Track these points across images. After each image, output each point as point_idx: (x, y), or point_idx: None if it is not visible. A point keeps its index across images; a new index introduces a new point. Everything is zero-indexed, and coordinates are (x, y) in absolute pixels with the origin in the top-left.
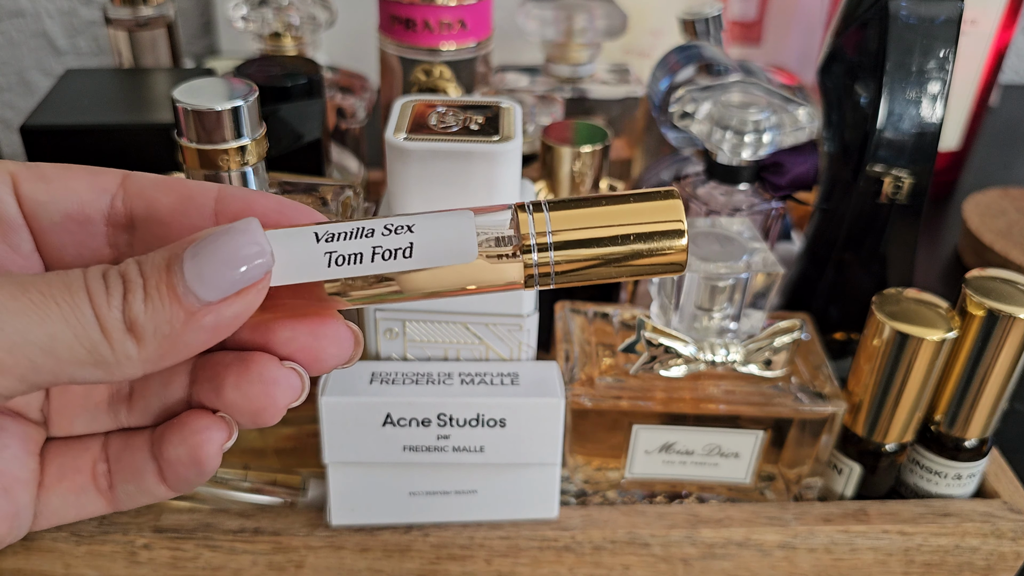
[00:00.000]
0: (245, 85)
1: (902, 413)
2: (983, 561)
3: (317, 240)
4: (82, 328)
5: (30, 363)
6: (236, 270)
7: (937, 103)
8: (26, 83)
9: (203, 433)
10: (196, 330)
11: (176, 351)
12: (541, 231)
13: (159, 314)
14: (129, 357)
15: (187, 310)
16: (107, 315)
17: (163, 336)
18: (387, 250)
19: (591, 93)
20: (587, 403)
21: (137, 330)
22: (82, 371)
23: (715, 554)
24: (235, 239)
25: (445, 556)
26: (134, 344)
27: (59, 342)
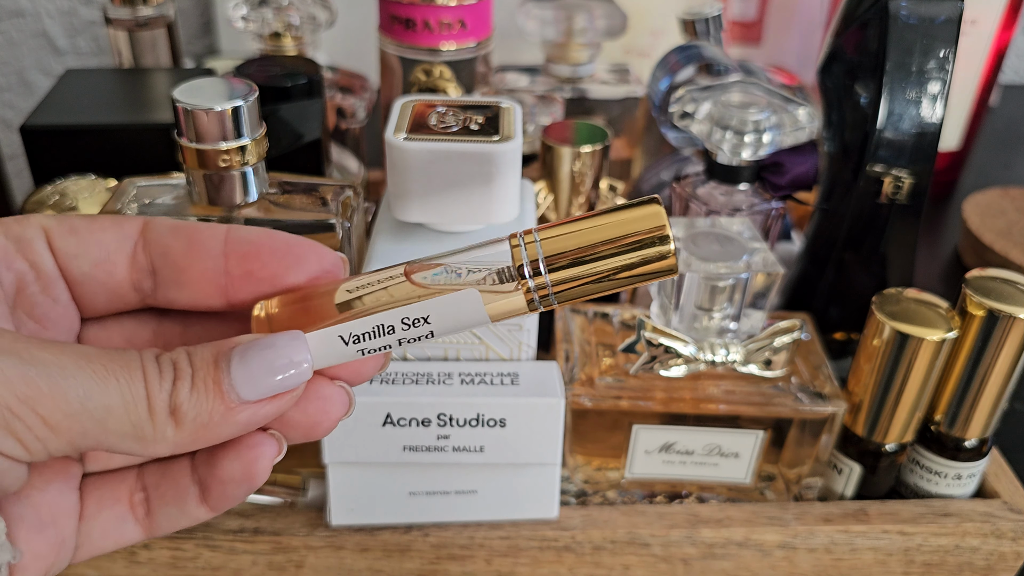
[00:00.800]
0: (245, 85)
1: (902, 413)
2: (983, 561)
3: (345, 344)
4: (133, 405)
5: (82, 429)
6: (278, 377)
7: (937, 103)
8: (26, 83)
9: (257, 448)
10: (230, 424)
11: (206, 439)
12: (535, 259)
13: (201, 404)
14: (165, 438)
15: (227, 405)
16: (156, 397)
17: (200, 424)
18: (410, 339)
19: (591, 93)
20: (587, 403)
21: (179, 415)
22: (121, 443)
23: (715, 554)
24: (282, 351)
25: (445, 556)
26: (173, 427)
27: (112, 415)
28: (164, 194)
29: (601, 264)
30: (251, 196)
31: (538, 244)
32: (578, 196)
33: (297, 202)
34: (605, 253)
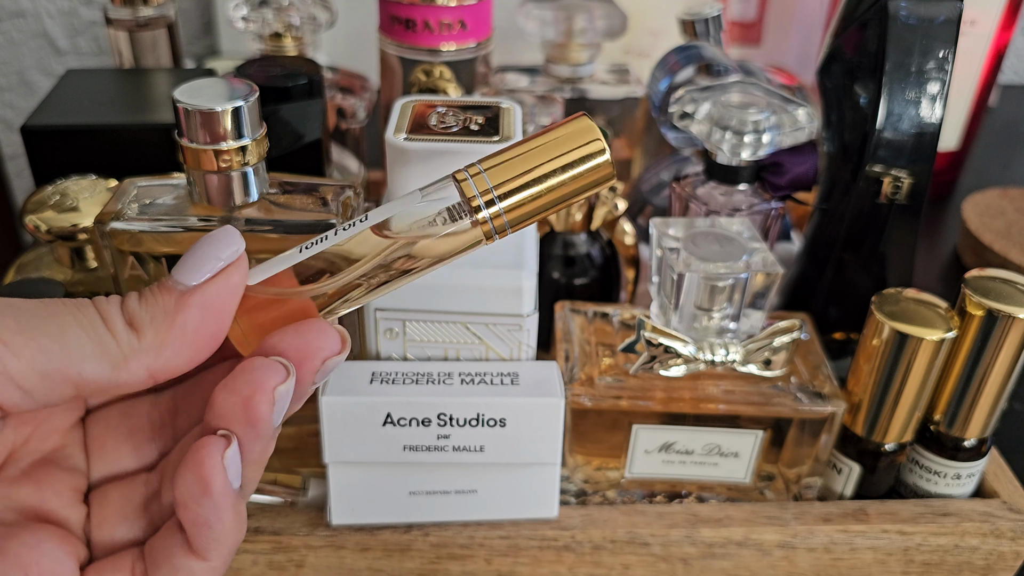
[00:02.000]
0: (245, 85)
1: (901, 413)
2: (982, 561)
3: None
4: (87, 320)
5: (40, 346)
6: (213, 257)
7: (936, 103)
8: (27, 83)
9: (202, 450)
10: (186, 310)
11: (174, 335)
12: (484, 189)
13: (152, 304)
14: (132, 347)
15: (176, 296)
16: (109, 311)
17: (158, 323)
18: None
19: (591, 93)
20: (587, 403)
21: (136, 323)
22: (89, 364)
23: (715, 553)
24: (210, 238)
25: (445, 555)
26: (135, 335)
27: (68, 333)
28: (165, 194)
29: (546, 184)
30: (251, 196)
31: (484, 175)
32: None
33: (297, 202)
34: (547, 171)
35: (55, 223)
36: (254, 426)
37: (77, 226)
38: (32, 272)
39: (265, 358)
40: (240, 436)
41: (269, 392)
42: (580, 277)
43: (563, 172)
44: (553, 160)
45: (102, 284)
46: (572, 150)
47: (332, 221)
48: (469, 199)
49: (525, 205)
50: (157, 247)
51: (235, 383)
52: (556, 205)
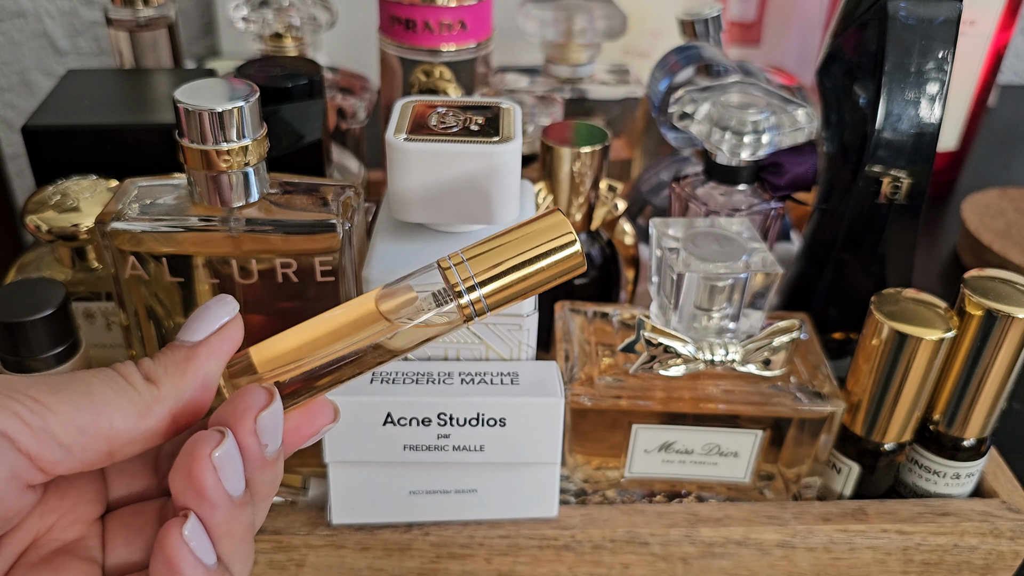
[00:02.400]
0: (246, 86)
1: (901, 413)
2: (982, 560)
3: None
4: (110, 379)
5: (73, 403)
6: (213, 318)
7: (936, 103)
8: (27, 83)
9: (164, 532)
10: (196, 359)
11: (187, 379)
12: (466, 277)
13: (165, 359)
14: (153, 396)
15: (184, 349)
16: (127, 371)
17: (172, 372)
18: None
19: (591, 94)
20: (587, 402)
21: (153, 376)
22: (119, 413)
23: (714, 553)
24: (209, 305)
25: (445, 555)
26: (154, 386)
27: (95, 389)
28: (165, 194)
29: (521, 273)
30: (252, 196)
31: (467, 264)
32: (578, 196)
33: (298, 202)
34: (522, 261)
35: (56, 223)
36: (204, 497)
37: (78, 226)
38: (33, 272)
39: (203, 430)
40: (196, 510)
41: (206, 459)
42: (580, 277)
43: (537, 262)
44: (528, 251)
45: (103, 284)
46: (545, 243)
47: (332, 221)
48: (453, 285)
49: (503, 291)
50: (158, 247)
51: (179, 460)
52: (531, 290)
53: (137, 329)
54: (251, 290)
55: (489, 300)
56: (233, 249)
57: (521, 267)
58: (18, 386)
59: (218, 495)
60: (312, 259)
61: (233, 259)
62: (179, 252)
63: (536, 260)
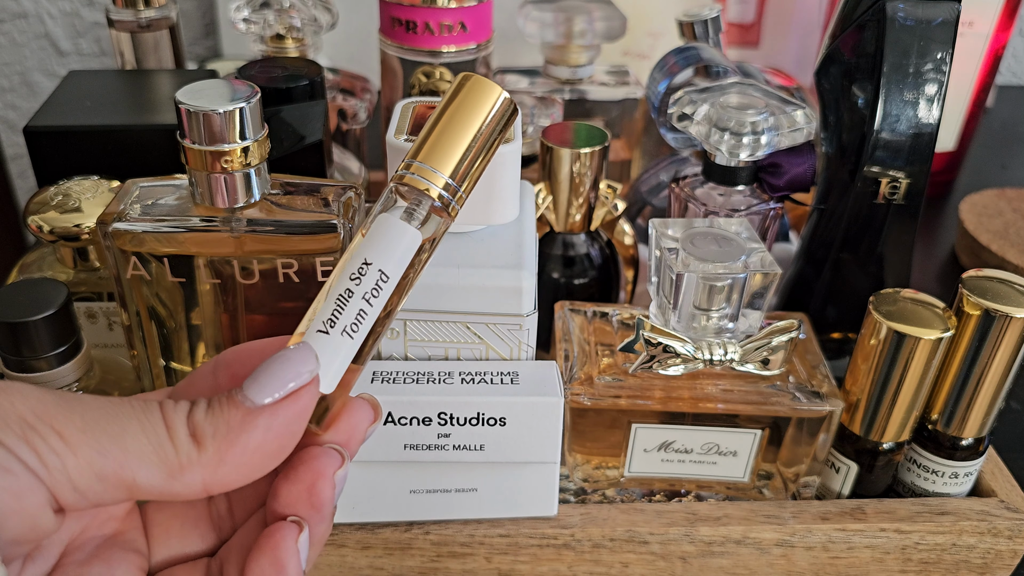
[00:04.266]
0: (247, 87)
1: (899, 412)
2: (980, 559)
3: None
4: (150, 425)
5: (99, 447)
6: (287, 377)
7: (934, 104)
8: (29, 84)
9: (277, 533)
10: (252, 429)
11: (234, 453)
12: (425, 174)
13: (218, 417)
14: (191, 459)
15: (243, 411)
16: (173, 418)
17: (221, 436)
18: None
19: (590, 95)
20: (586, 402)
21: (199, 434)
22: (145, 469)
23: (713, 552)
24: (286, 357)
25: (446, 554)
26: (195, 447)
27: (129, 435)
28: (167, 195)
29: (475, 147)
30: (253, 197)
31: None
32: (577, 197)
33: (299, 203)
34: (474, 138)
35: (58, 224)
36: (319, 511)
37: (80, 227)
38: (35, 272)
39: (320, 447)
40: (309, 521)
41: (330, 478)
42: (579, 277)
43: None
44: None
45: (105, 284)
46: (478, 106)
47: (333, 222)
48: (424, 191)
49: (464, 171)
50: (159, 247)
51: (297, 473)
52: (485, 156)
53: (139, 329)
54: (252, 290)
55: (458, 182)
56: (235, 249)
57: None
58: (50, 413)
59: (330, 511)
60: (313, 259)
61: (234, 259)
62: (181, 252)
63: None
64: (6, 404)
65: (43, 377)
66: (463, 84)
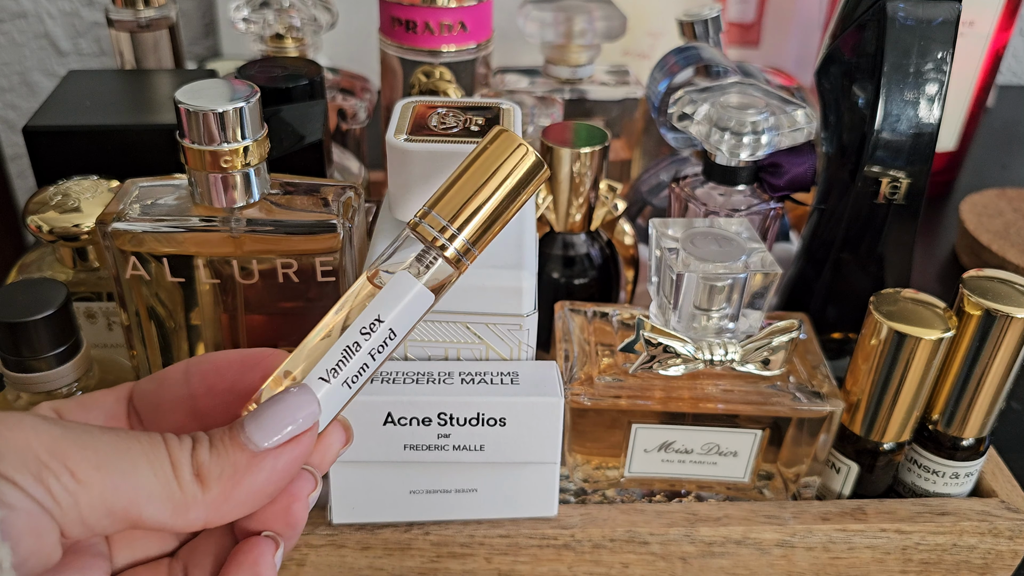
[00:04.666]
0: (247, 86)
1: (899, 412)
2: (980, 559)
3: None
4: (159, 465)
5: (112, 484)
6: (289, 419)
7: (934, 104)
8: (29, 84)
9: (255, 549)
10: (257, 473)
11: (237, 494)
12: (441, 227)
13: (224, 459)
14: (196, 499)
15: (248, 455)
16: (179, 457)
17: (226, 478)
18: (379, 347)
19: (590, 94)
20: (586, 402)
21: (203, 475)
22: (152, 505)
23: (713, 552)
24: (288, 399)
25: (446, 554)
26: (199, 488)
27: (139, 470)
28: (166, 195)
29: (493, 204)
30: (253, 197)
31: (434, 214)
32: (577, 197)
33: (299, 203)
34: (491, 194)
35: (57, 223)
36: (293, 529)
37: (79, 226)
38: (35, 272)
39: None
40: (284, 539)
41: (304, 500)
42: (579, 277)
43: (499, 185)
44: (489, 178)
45: (104, 284)
46: (501, 163)
47: (333, 222)
48: (432, 241)
49: (480, 226)
50: (159, 247)
51: (277, 497)
52: (505, 212)
53: (138, 329)
54: (252, 290)
55: (471, 239)
56: (234, 249)
57: (487, 195)
58: (62, 449)
59: (300, 529)
60: (313, 259)
61: (234, 259)
62: (180, 252)
63: (498, 183)
64: (21, 441)
65: (42, 377)
66: (494, 139)
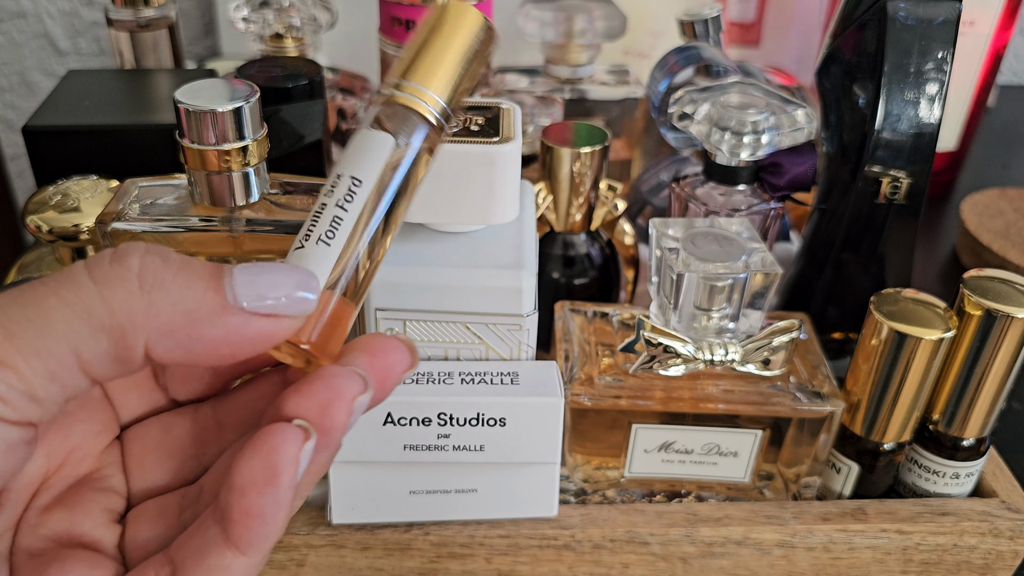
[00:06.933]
0: (246, 86)
1: (900, 412)
2: (981, 560)
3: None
4: (73, 294)
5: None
6: (282, 290)
7: (935, 104)
8: (28, 84)
9: (276, 435)
10: (217, 325)
11: (186, 334)
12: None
13: (191, 288)
14: (133, 319)
15: (220, 301)
16: (107, 271)
17: (183, 311)
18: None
19: (590, 94)
20: (586, 402)
21: (156, 294)
22: (85, 344)
23: (714, 553)
24: (291, 270)
25: (445, 554)
26: (141, 293)
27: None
28: (166, 194)
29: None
30: (252, 197)
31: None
32: (577, 197)
33: (298, 203)
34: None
35: (57, 223)
36: (328, 434)
37: (79, 226)
38: (34, 272)
39: (342, 367)
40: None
41: (348, 401)
42: (580, 277)
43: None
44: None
45: None
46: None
47: None
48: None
49: (410, 64)
50: None
51: (311, 388)
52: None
53: None
54: None
55: (406, 77)
56: (234, 249)
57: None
58: None
59: (338, 439)
60: None
61: (234, 259)
62: (180, 252)
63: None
64: None
65: None
66: (444, 10)
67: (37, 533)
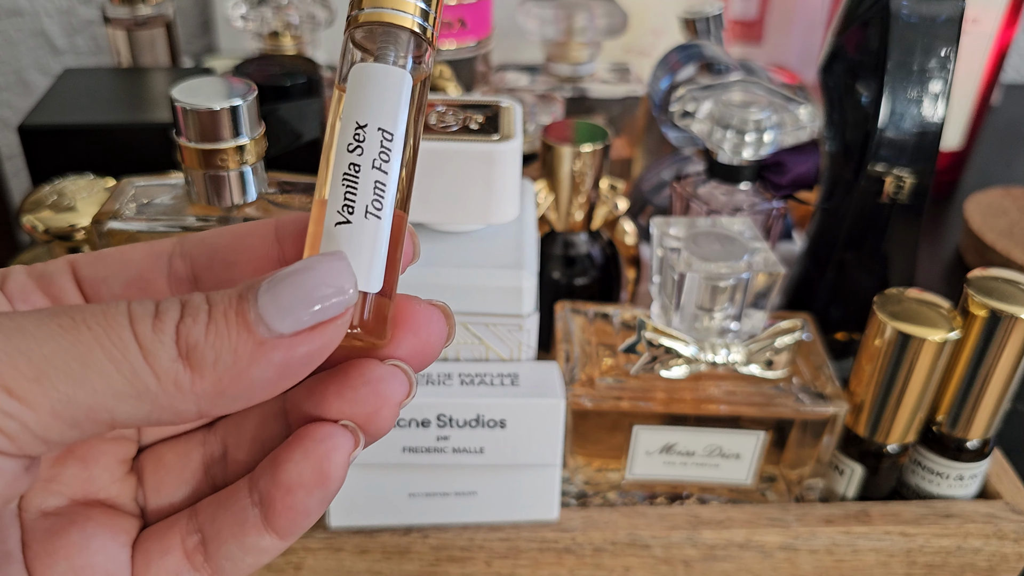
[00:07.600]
0: (244, 84)
1: (904, 414)
2: (985, 562)
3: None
4: (119, 351)
5: (61, 395)
6: (317, 296)
7: (939, 102)
8: (24, 82)
9: (328, 441)
10: (264, 366)
11: (237, 388)
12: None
13: (222, 341)
14: (180, 387)
15: (256, 339)
16: (147, 336)
17: (225, 367)
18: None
19: (591, 92)
20: (587, 404)
21: (195, 359)
22: (124, 405)
23: (716, 555)
24: (318, 273)
25: (445, 558)
26: (188, 373)
27: (92, 368)
28: (162, 194)
29: None
30: (250, 196)
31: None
32: (578, 196)
33: (296, 202)
34: None
35: (52, 223)
36: (374, 439)
37: (74, 226)
38: None
39: (387, 367)
40: None
41: (396, 407)
42: (580, 277)
43: None
44: None
45: None
46: None
47: None
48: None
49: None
50: None
51: (356, 395)
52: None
53: None
54: None
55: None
56: None
57: None
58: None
59: (381, 436)
60: None
61: None
62: None
63: None
64: None
65: None
66: None
67: (50, 488)
